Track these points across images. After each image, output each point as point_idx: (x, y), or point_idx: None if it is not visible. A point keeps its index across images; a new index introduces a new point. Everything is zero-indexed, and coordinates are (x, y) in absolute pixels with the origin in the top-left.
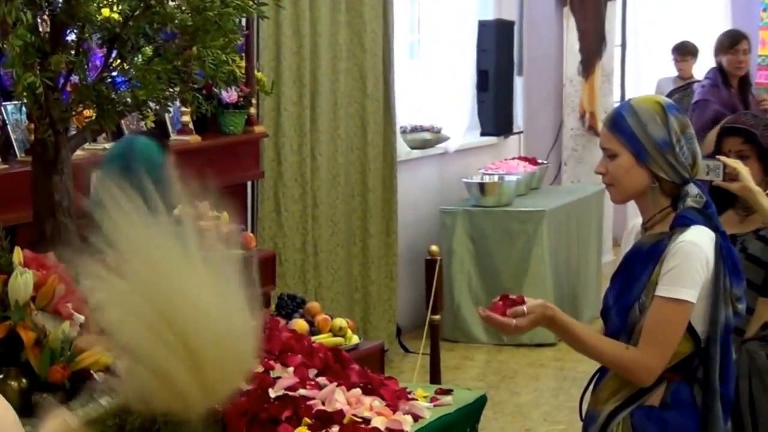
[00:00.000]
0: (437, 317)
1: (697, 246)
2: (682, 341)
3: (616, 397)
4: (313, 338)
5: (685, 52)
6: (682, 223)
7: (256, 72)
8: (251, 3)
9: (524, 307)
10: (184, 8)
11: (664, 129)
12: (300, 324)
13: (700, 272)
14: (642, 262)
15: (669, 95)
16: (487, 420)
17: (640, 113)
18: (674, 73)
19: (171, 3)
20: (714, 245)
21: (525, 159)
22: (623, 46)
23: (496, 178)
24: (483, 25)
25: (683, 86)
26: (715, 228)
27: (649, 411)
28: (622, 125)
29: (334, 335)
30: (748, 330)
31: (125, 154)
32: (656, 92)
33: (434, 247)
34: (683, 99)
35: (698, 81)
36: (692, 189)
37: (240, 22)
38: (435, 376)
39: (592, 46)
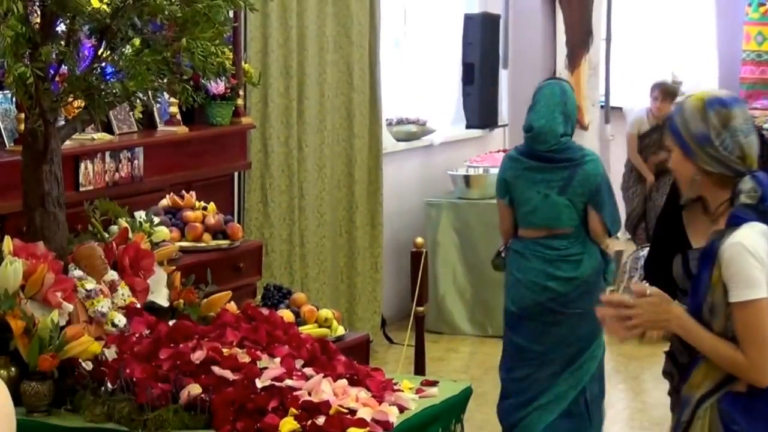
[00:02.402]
0: (422, 309)
1: (746, 247)
2: None
3: (707, 382)
4: (299, 329)
5: (666, 94)
6: (734, 222)
7: (243, 64)
8: None
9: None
10: (173, 0)
11: (703, 124)
12: (286, 314)
13: (757, 268)
14: (702, 263)
15: (646, 135)
16: (470, 412)
17: (684, 110)
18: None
19: None
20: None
21: None
22: (608, 39)
23: (481, 171)
24: (469, 19)
25: (661, 125)
26: None
27: (737, 398)
28: (672, 123)
29: (320, 326)
30: None
31: None
32: (629, 125)
33: (420, 239)
34: (662, 138)
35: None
36: (746, 183)
37: (228, 13)
38: (420, 368)
39: (579, 40)
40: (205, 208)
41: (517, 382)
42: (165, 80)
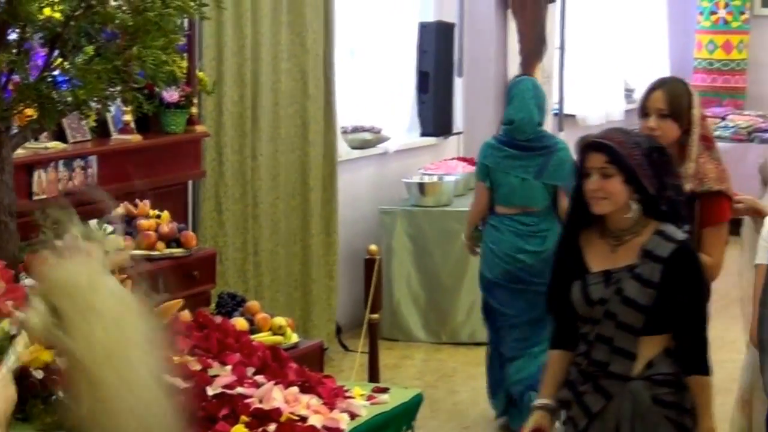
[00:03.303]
0: (376, 316)
1: None
2: None
3: None
4: (253, 337)
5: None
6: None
7: (197, 72)
8: (192, 4)
9: None
10: (124, 8)
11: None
12: (240, 323)
13: None
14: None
15: None
16: (424, 419)
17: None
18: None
19: (112, 3)
20: None
21: (464, 159)
22: (562, 48)
23: (435, 179)
24: (424, 27)
25: None
26: None
27: None
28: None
29: (274, 334)
30: (633, 371)
31: None
32: None
33: (373, 247)
34: None
35: None
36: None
37: (182, 22)
38: (373, 375)
39: (532, 48)
40: (158, 217)
41: (497, 341)
42: (117, 89)
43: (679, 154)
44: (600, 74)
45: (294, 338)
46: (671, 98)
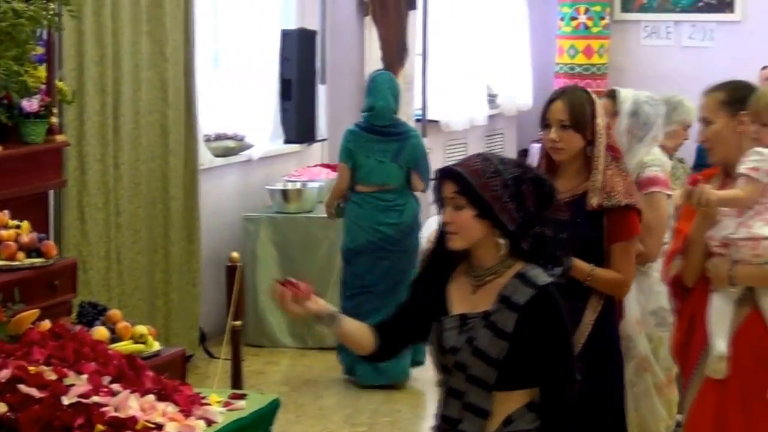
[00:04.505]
0: (238, 323)
1: None
2: None
3: None
4: (114, 345)
5: None
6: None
7: (57, 81)
8: (45, 14)
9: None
10: None
11: None
12: (101, 332)
13: None
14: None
15: None
16: (290, 423)
17: None
18: None
19: None
20: None
21: (328, 166)
22: (424, 54)
23: (298, 185)
24: (286, 34)
25: None
26: None
27: None
28: None
29: (136, 342)
30: (488, 428)
31: None
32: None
33: (235, 254)
34: None
35: None
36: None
37: (40, 32)
38: (237, 382)
39: (394, 55)
40: (18, 227)
41: (352, 308)
42: None
43: (585, 166)
44: (463, 80)
45: (156, 346)
46: (572, 108)
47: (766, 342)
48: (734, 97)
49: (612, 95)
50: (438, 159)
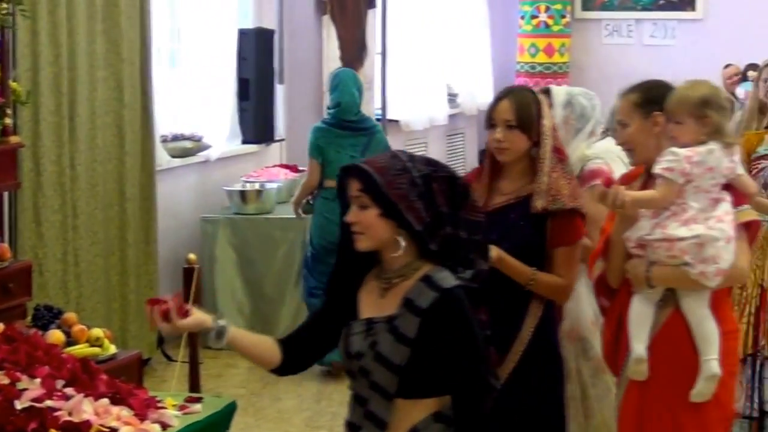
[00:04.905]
0: None
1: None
2: None
3: None
4: (69, 349)
5: None
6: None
7: (11, 82)
8: None
9: None
10: None
11: None
12: (56, 335)
13: None
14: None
15: None
16: (249, 427)
17: None
18: None
19: None
20: None
21: (286, 166)
22: (384, 53)
23: (257, 186)
24: (243, 34)
25: None
26: None
27: None
28: None
29: (92, 345)
30: None
31: None
32: None
33: (192, 256)
34: None
35: None
36: None
37: None
38: (194, 385)
39: (353, 54)
40: None
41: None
42: None
43: (530, 167)
44: (423, 79)
45: (112, 349)
46: (519, 108)
47: (687, 343)
48: (647, 98)
49: (546, 92)
50: None
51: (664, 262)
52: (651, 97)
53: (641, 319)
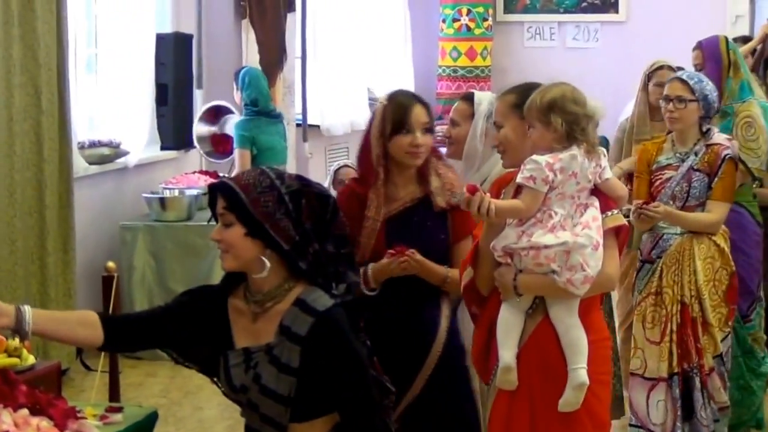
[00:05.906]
0: None
1: None
2: None
3: None
4: None
5: None
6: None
7: None
8: None
9: None
10: None
11: None
12: None
13: None
14: None
15: None
16: None
17: None
18: None
19: None
20: None
21: (206, 173)
22: (303, 57)
23: (176, 193)
24: (161, 39)
25: None
26: None
27: None
28: None
29: (10, 356)
30: None
31: None
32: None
33: (111, 264)
34: None
35: None
36: None
37: None
38: (114, 394)
39: (273, 59)
40: None
41: None
42: None
43: (415, 171)
44: (343, 83)
45: (31, 360)
46: (430, 112)
47: (555, 351)
48: (524, 99)
49: (469, 98)
50: (319, 164)
51: (531, 270)
52: (527, 98)
53: (509, 327)
